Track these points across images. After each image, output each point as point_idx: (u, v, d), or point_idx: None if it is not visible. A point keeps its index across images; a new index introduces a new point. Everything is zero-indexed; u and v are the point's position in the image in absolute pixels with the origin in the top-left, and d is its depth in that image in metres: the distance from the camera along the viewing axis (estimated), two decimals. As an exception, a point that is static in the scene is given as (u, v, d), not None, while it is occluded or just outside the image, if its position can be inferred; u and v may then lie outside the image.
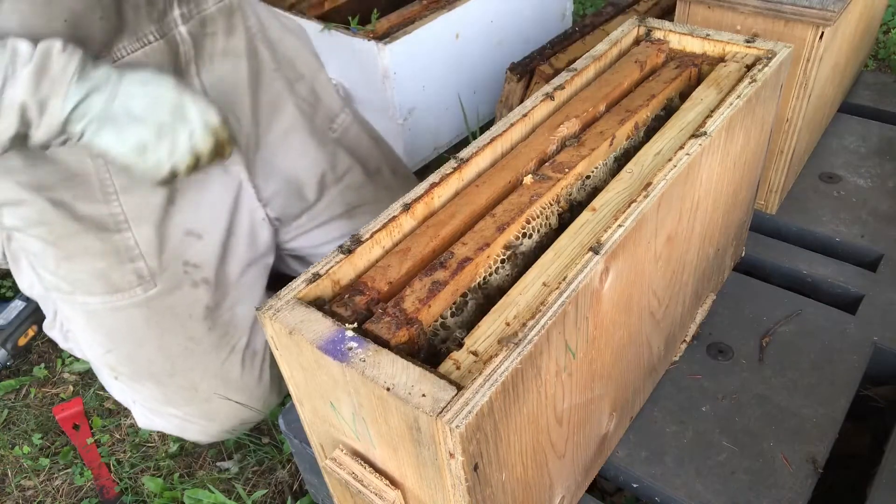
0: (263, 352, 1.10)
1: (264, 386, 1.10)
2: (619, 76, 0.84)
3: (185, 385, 1.04)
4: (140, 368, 1.03)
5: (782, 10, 0.96)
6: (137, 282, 0.98)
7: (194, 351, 1.03)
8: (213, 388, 1.05)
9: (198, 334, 1.03)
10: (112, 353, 1.02)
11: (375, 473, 0.59)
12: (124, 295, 0.98)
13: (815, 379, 0.89)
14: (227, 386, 1.06)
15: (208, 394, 1.05)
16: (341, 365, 0.51)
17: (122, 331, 1.00)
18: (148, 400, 1.07)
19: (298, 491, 1.06)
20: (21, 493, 1.12)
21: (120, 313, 0.99)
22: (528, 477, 0.59)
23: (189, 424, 1.08)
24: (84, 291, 0.97)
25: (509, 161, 0.72)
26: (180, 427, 1.08)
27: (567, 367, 0.58)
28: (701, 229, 0.80)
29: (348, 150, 1.17)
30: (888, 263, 1.05)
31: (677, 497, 0.79)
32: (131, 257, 0.96)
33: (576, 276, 0.56)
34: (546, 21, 1.81)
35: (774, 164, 1.10)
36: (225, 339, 1.05)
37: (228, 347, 1.05)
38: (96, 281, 0.96)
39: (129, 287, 0.98)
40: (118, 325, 1.00)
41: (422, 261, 0.62)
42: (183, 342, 1.02)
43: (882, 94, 1.42)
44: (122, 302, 0.98)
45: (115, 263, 0.96)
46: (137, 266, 0.97)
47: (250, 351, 1.08)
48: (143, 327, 1.00)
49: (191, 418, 1.07)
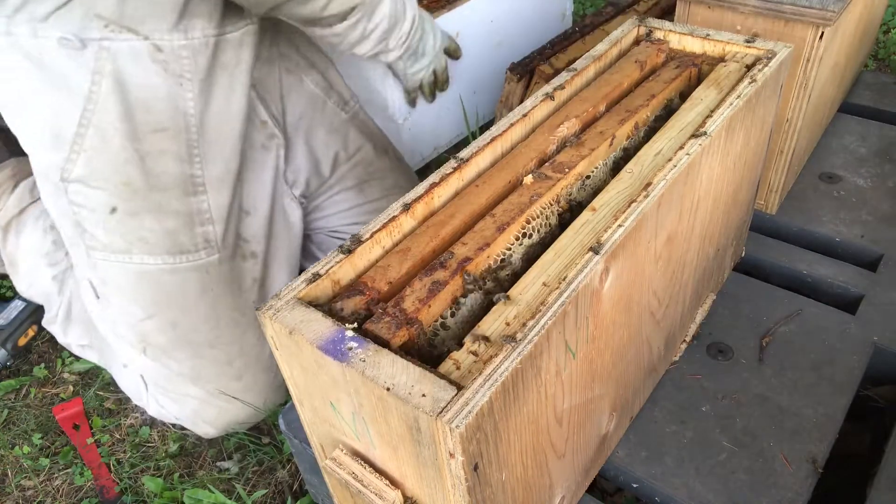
0: None
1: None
2: (619, 76, 0.84)
3: (222, 359, 1.06)
4: (180, 337, 1.04)
5: (782, 10, 0.96)
6: (204, 245, 1.00)
7: (239, 322, 1.05)
8: (246, 366, 1.07)
9: (244, 307, 1.05)
10: (154, 318, 1.02)
11: (375, 473, 0.59)
12: (189, 257, 0.99)
13: (815, 379, 0.89)
14: (258, 364, 1.08)
15: (240, 371, 1.07)
16: (341, 365, 0.51)
17: (174, 295, 1.01)
18: (172, 378, 1.07)
19: (298, 491, 1.06)
20: (21, 493, 1.12)
21: (177, 276, 1.00)
22: (528, 477, 0.59)
23: (207, 407, 1.08)
24: (144, 251, 0.98)
25: (509, 161, 0.72)
26: (195, 413, 1.08)
27: (567, 367, 0.58)
28: (701, 229, 0.80)
29: (359, 129, 1.23)
30: (888, 263, 1.05)
31: (677, 497, 0.79)
32: (202, 221, 0.99)
33: (576, 276, 0.56)
34: (546, 21, 1.81)
35: (774, 164, 1.10)
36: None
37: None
38: (162, 240, 0.98)
39: (195, 249, 0.99)
40: (171, 288, 1.01)
41: (422, 261, 0.62)
42: (230, 313, 1.04)
43: (882, 94, 1.42)
44: (184, 264, 1.00)
45: (187, 224, 0.98)
46: (206, 230, 1.00)
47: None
48: (197, 292, 1.01)
49: (211, 399, 1.07)
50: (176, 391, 1.08)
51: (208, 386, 1.07)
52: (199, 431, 1.11)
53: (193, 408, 1.08)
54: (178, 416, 1.10)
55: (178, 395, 1.08)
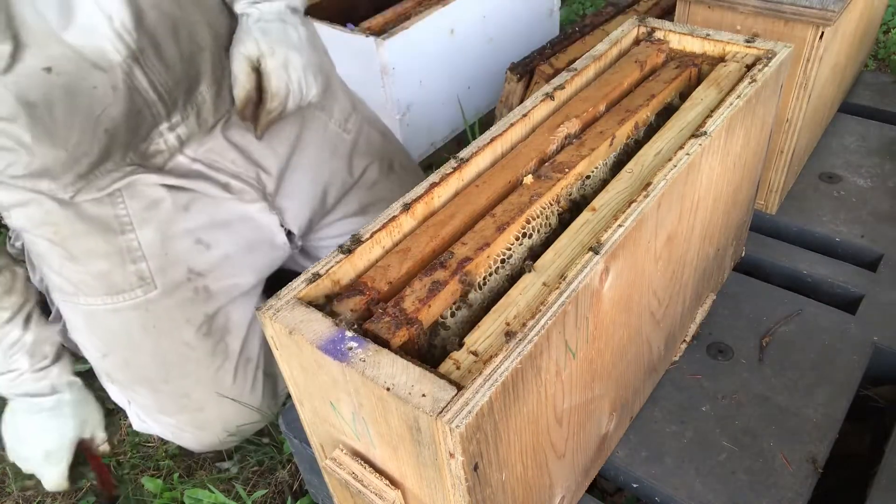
0: (257, 359, 1.09)
1: (257, 394, 1.09)
2: (619, 76, 0.84)
3: (179, 392, 1.04)
4: (134, 374, 1.03)
5: (782, 10, 0.96)
6: (138, 283, 0.98)
7: (189, 357, 1.03)
8: (205, 397, 1.05)
9: (193, 340, 1.02)
10: (108, 357, 1.02)
11: (375, 473, 0.59)
12: (125, 296, 0.98)
13: (815, 379, 0.89)
14: (218, 396, 1.06)
15: (201, 403, 1.05)
16: (341, 365, 0.51)
17: (119, 334, 1.00)
18: (142, 406, 1.07)
19: (298, 491, 1.06)
20: (21, 493, 1.12)
21: (118, 315, 0.99)
22: (528, 477, 0.59)
23: (182, 433, 1.08)
24: (86, 292, 0.97)
25: (509, 161, 0.72)
26: (174, 434, 1.08)
27: (567, 367, 0.58)
28: (701, 229, 0.80)
29: (362, 150, 1.18)
30: (888, 263, 1.05)
31: (677, 497, 0.79)
32: (134, 258, 0.97)
33: (576, 276, 0.56)
34: (532, 19, 1.82)
35: (774, 164, 1.10)
36: (220, 346, 1.05)
37: (223, 355, 1.05)
38: (98, 282, 0.97)
39: (129, 288, 0.98)
40: (116, 327, 1.00)
41: (422, 261, 0.62)
42: (178, 348, 1.02)
43: (882, 94, 1.42)
44: (122, 303, 0.98)
45: (118, 264, 0.96)
46: (139, 267, 0.97)
47: (244, 358, 1.07)
48: (140, 331, 1.00)
49: (183, 426, 1.07)
50: (152, 416, 1.08)
51: (177, 416, 1.06)
52: (184, 446, 1.11)
53: (172, 431, 1.08)
54: (161, 434, 1.10)
55: (155, 418, 1.08)
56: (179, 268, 1.00)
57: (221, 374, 1.05)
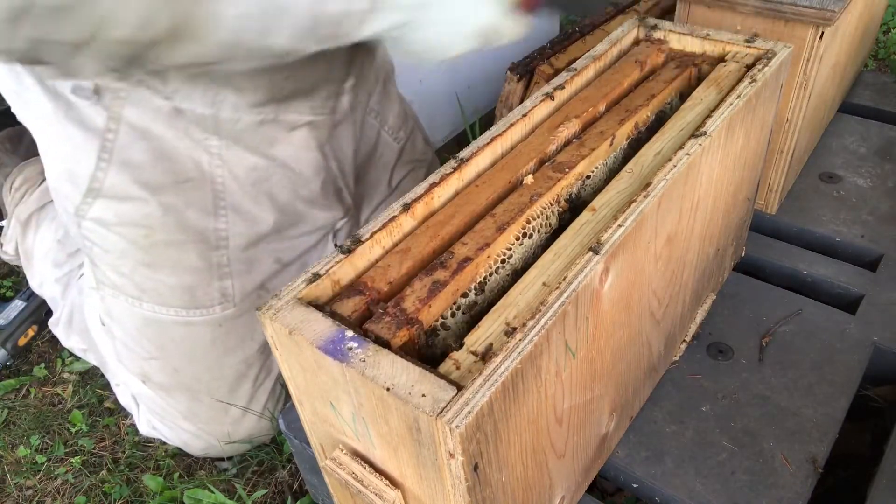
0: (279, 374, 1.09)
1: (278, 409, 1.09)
2: (619, 76, 0.84)
3: (218, 406, 1.03)
4: (180, 382, 1.00)
5: (782, 10, 0.96)
6: (220, 300, 0.94)
7: (245, 374, 1.01)
8: (242, 413, 1.04)
9: (252, 358, 1.01)
10: (156, 361, 0.99)
11: (375, 473, 0.59)
12: (203, 311, 0.94)
13: (815, 379, 0.89)
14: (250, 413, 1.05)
15: (237, 416, 1.04)
16: (341, 365, 0.51)
17: (181, 344, 0.97)
18: (165, 410, 1.05)
19: (298, 491, 1.06)
20: (21, 493, 1.12)
21: (189, 328, 0.95)
22: (528, 477, 0.59)
23: (197, 440, 1.07)
24: (156, 301, 0.93)
25: (509, 161, 0.72)
26: (185, 441, 1.07)
27: (567, 367, 0.58)
28: (701, 229, 0.80)
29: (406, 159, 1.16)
30: (888, 263, 1.05)
31: (677, 497, 0.79)
32: (220, 275, 0.93)
33: (576, 276, 0.56)
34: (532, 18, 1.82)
35: (774, 164, 1.10)
36: (266, 365, 1.04)
37: (266, 372, 1.04)
38: (174, 294, 0.92)
39: (209, 304, 0.94)
40: (180, 338, 0.96)
41: (422, 261, 0.62)
42: (238, 364, 1.00)
43: (882, 94, 1.42)
44: (197, 318, 0.95)
45: (205, 280, 0.92)
46: (224, 284, 0.94)
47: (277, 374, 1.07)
48: (207, 345, 0.97)
49: (203, 435, 1.06)
50: (170, 421, 1.06)
51: (201, 425, 1.05)
52: (190, 452, 1.11)
53: (184, 439, 1.07)
54: (169, 439, 1.09)
55: (172, 424, 1.07)
56: (255, 285, 0.97)
57: (260, 393, 1.04)
